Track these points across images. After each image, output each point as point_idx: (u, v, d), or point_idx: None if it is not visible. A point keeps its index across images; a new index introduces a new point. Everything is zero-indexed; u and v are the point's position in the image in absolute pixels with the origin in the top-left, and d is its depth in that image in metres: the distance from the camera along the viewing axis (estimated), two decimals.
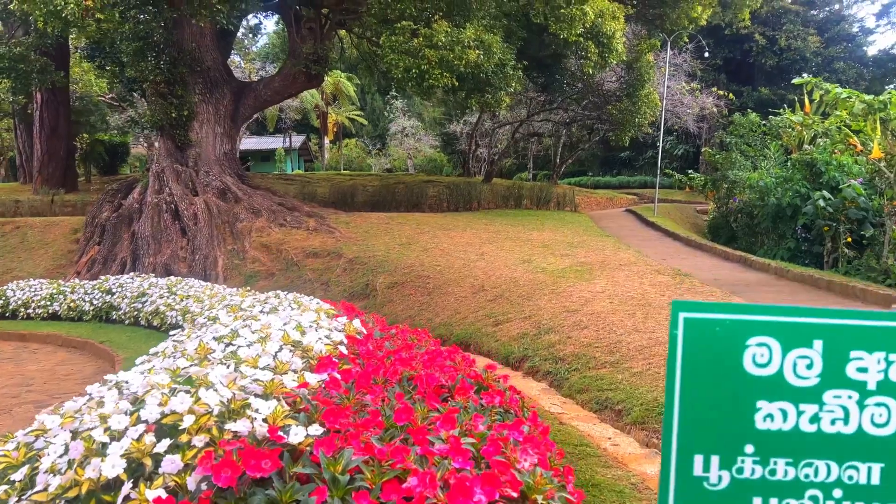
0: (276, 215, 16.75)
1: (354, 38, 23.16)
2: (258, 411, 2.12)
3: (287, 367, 2.90)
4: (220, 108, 18.41)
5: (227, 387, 2.30)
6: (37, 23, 14.25)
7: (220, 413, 2.13)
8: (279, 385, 2.44)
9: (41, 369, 8.22)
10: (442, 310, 10.31)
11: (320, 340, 3.33)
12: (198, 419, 2.03)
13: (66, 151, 23.25)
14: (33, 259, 17.08)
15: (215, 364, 2.86)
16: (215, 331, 3.67)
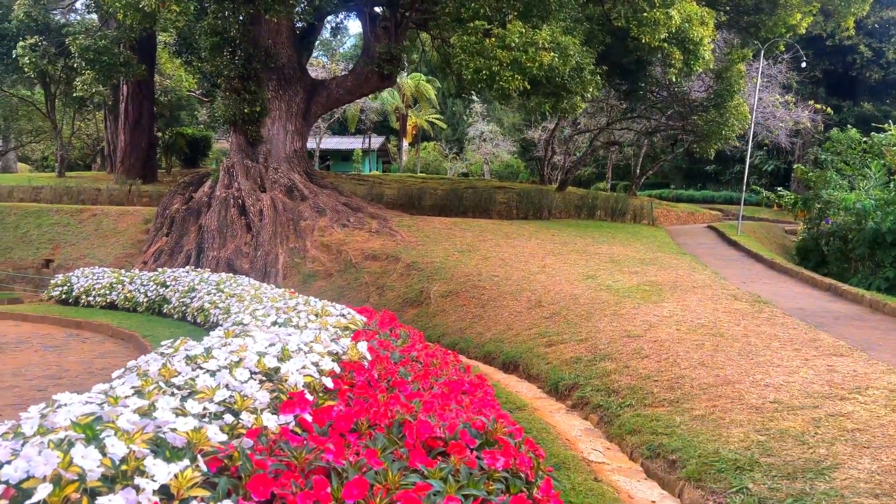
0: (340, 215, 16.55)
1: (434, 39, 22.81)
2: (153, 478, 1.64)
3: (248, 403, 2.42)
4: (293, 105, 18.40)
5: (134, 438, 1.83)
6: (117, 15, 14.49)
7: (106, 476, 1.66)
8: (203, 439, 1.94)
9: (80, 361, 8.14)
10: (494, 324, 9.71)
11: (305, 369, 2.84)
12: (62, 488, 1.56)
13: (147, 143, 23.90)
14: (105, 246, 17.49)
15: (164, 395, 2.40)
16: (190, 348, 3.25)
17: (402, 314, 11.48)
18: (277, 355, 3.00)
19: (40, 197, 20.39)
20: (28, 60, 18.59)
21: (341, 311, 5.90)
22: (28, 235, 18.14)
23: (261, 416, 2.30)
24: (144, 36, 20.19)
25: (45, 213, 18.78)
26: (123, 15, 14.45)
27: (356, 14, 20.62)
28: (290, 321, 4.72)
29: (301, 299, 6.64)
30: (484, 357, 8.84)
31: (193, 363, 2.89)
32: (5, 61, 21.71)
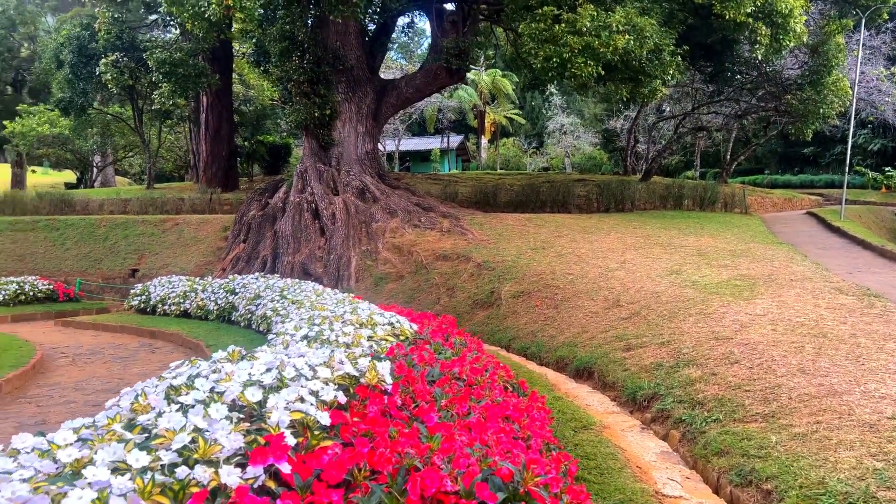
0: (411, 216, 16.22)
1: (507, 31, 22.20)
2: None
3: (211, 451, 1.98)
4: (363, 106, 18.22)
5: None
6: (185, 25, 14.68)
7: None
8: None
9: (141, 374, 8.08)
10: (568, 326, 9.05)
11: (298, 402, 2.38)
12: None
13: (228, 152, 24.42)
14: (186, 254, 17.87)
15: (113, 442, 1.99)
16: (174, 376, 2.87)
17: (472, 316, 10.99)
18: (271, 384, 2.56)
19: (128, 209, 21.13)
20: (110, 77, 19.29)
21: (390, 319, 5.45)
22: (116, 246, 18.79)
23: (221, 468, 1.84)
24: (218, 46, 20.54)
25: (131, 224, 19.41)
26: (192, 25, 14.62)
27: (420, 10, 20.24)
28: (322, 334, 4.30)
29: (351, 307, 6.25)
30: (556, 363, 8.21)
31: (175, 394, 2.49)
32: (94, 80, 22.65)
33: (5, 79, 41.24)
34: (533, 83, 20.47)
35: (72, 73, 22.97)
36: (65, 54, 23.44)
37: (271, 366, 2.75)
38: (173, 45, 18.49)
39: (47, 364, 8.78)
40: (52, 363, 8.90)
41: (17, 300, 15.42)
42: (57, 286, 16.40)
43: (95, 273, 18.22)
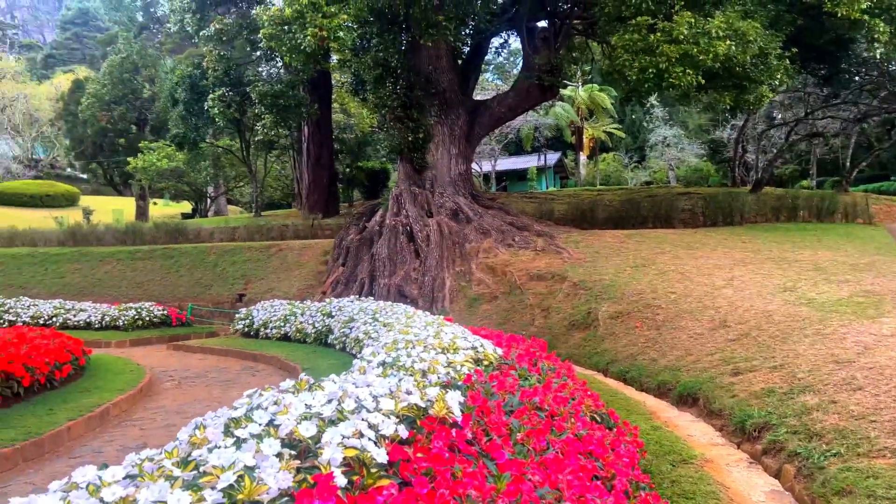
0: (505, 235, 16.03)
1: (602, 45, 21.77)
2: None
3: (257, 490, 1.86)
4: (455, 128, 18.29)
5: None
6: (283, 59, 15.26)
7: None
8: None
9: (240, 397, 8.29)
10: (670, 349, 8.54)
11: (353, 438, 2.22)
12: None
13: (328, 179, 25.19)
14: (289, 279, 18.44)
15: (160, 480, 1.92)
16: (247, 405, 2.80)
17: (568, 338, 10.62)
18: (330, 417, 2.45)
19: (236, 236, 22.12)
20: (217, 111, 20.39)
21: (474, 343, 5.27)
22: (224, 272, 19.67)
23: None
24: (317, 77, 21.27)
25: (238, 250, 20.29)
26: (290, 58, 15.20)
27: (515, 30, 20.17)
28: (399, 360, 4.17)
29: (436, 330, 6.11)
30: (657, 388, 7.74)
31: (235, 426, 2.42)
32: (205, 116, 24.00)
33: (129, 118, 44.52)
34: (629, 95, 19.85)
35: (185, 110, 24.45)
36: (179, 93, 24.99)
37: (332, 397, 2.64)
38: (274, 78, 19.31)
39: (155, 387, 9.19)
40: (159, 386, 9.31)
41: (136, 325, 16.37)
42: (171, 311, 17.30)
43: (206, 298, 19.12)
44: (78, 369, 8.92)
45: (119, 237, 22.53)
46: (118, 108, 43.11)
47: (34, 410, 6.61)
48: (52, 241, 22.84)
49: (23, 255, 21.50)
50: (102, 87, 42.85)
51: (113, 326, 16.31)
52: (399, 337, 5.70)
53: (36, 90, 72.45)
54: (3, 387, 6.71)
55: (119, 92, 42.87)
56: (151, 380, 9.30)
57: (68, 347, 8.71)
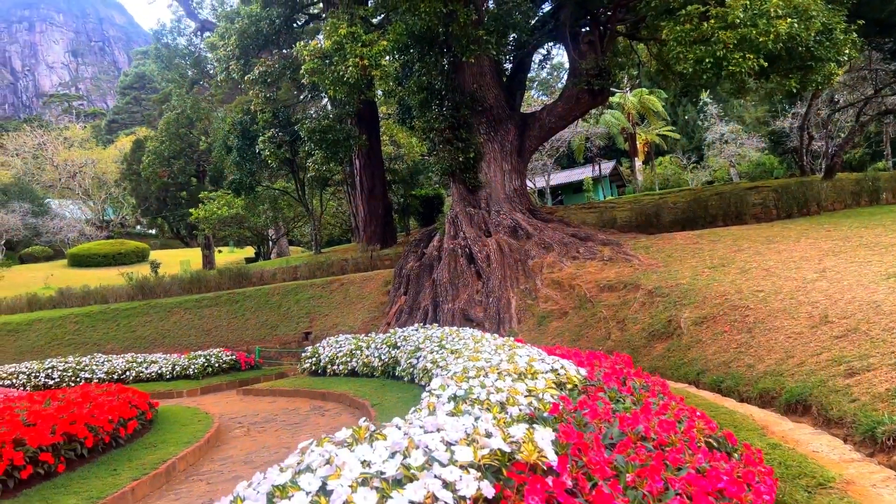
0: (568, 248, 15.38)
1: (648, 45, 21.04)
2: None
3: None
4: (506, 144, 17.84)
5: None
6: (326, 93, 15.16)
7: None
8: None
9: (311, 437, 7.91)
10: (767, 352, 7.75)
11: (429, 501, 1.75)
12: None
13: (383, 209, 25.04)
14: (353, 312, 18.19)
15: None
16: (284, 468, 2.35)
17: (649, 350, 9.89)
18: (395, 475, 1.98)
19: (298, 275, 22.10)
20: (268, 152, 20.51)
21: (553, 365, 4.73)
22: (289, 312, 19.59)
23: None
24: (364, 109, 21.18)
25: (301, 289, 20.22)
26: (333, 91, 15.09)
27: (558, 39, 19.66)
28: (472, 392, 3.67)
29: (509, 353, 5.58)
30: (759, 397, 6.98)
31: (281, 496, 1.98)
32: (258, 159, 24.27)
33: (188, 171, 45.81)
34: (684, 91, 19.02)
35: (239, 156, 24.78)
36: (231, 139, 25.38)
37: (397, 447, 2.16)
38: (321, 114, 19.31)
39: (223, 436, 8.93)
40: (227, 435, 9.04)
41: (206, 372, 16.37)
42: (239, 356, 17.27)
43: (272, 339, 19.05)
44: (145, 423, 8.74)
45: (185, 286, 22.84)
46: (177, 163, 44.45)
47: (98, 472, 6.38)
48: (122, 297, 23.33)
49: (95, 312, 21.99)
50: (161, 144, 44.29)
51: (184, 376, 16.35)
52: (469, 364, 5.21)
53: (102, 154, 75.83)
54: (67, 449, 6.51)
55: (176, 147, 44.20)
56: (219, 428, 9.05)
57: (134, 402, 8.55)
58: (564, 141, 50.13)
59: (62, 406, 7.16)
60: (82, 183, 75.38)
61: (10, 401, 8.40)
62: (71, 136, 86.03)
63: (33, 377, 16.97)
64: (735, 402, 6.83)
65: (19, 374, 17.05)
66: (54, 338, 21.11)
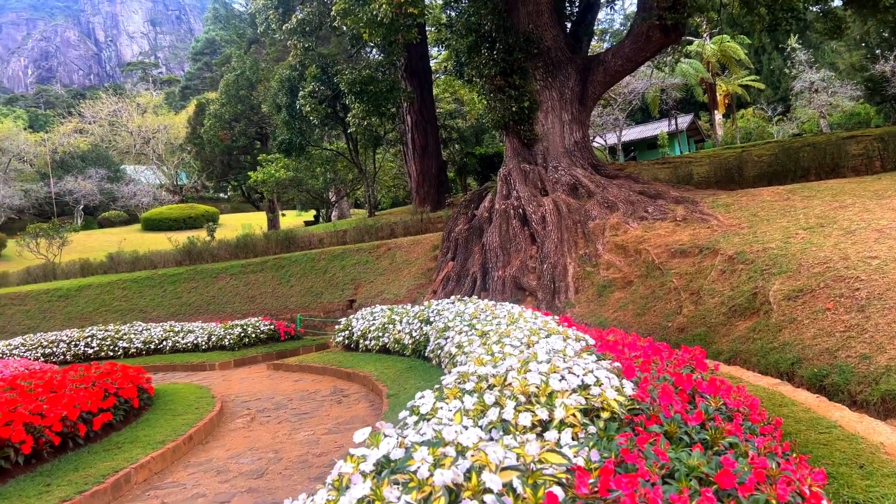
0: (635, 207, 13.50)
1: None
2: None
3: None
4: (566, 91, 15.93)
5: None
6: (362, 35, 13.64)
7: None
8: None
9: (307, 441, 6.58)
10: (888, 339, 5.92)
11: None
12: None
13: (437, 169, 23.53)
14: (399, 279, 16.90)
15: None
16: None
17: (729, 330, 8.12)
18: None
19: (347, 239, 20.95)
20: (309, 107, 19.20)
21: (584, 379, 3.17)
22: (335, 278, 18.49)
23: None
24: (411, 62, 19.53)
25: (348, 254, 19.05)
26: (369, 34, 13.56)
27: None
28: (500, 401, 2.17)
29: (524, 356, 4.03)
30: (882, 402, 5.20)
31: None
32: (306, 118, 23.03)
33: (249, 134, 45.37)
34: (772, 26, 16.53)
35: (287, 115, 23.64)
36: (280, 97, 24.25)
37: None
38: (362, 64, 17.83)
39: (221, 427, 7.78)
40: (226, 426, 7.89)
41: (241, 343, 15.46)
42: (278, 325, 16.29)
43: (317, 307, 18.03)
44: (131, 411, 7.67)
45: (231, 251, 22.09)
46: (238, 125, 44.05)
47: (26, 487, 5.25)
48: (170, 262, 22.82)
49: (143, 278, 21.54)
50: (221, 107, 43.95)
51: (219, 346, 15.50)
52: (472, 370, 3.70)
53: (174, 120, 77.03)
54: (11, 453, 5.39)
55: (237, 109, 43.74)
56: (215, 419, 7.89)
57: (118, 387, 7.43)
58: (638, 94, 47.07)
59: (8, 400, 6.10)
60: (156, 148, 76.98)
61: None
62: (144, 102, 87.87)
63: (73, 346, 16.51)
64: (847, 412, 5.05)
65: (59, 343, 16.62)
66: (102, 304, 20.77)
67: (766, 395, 5.23)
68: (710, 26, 43.94)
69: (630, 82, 45.67)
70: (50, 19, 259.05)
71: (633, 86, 46.04)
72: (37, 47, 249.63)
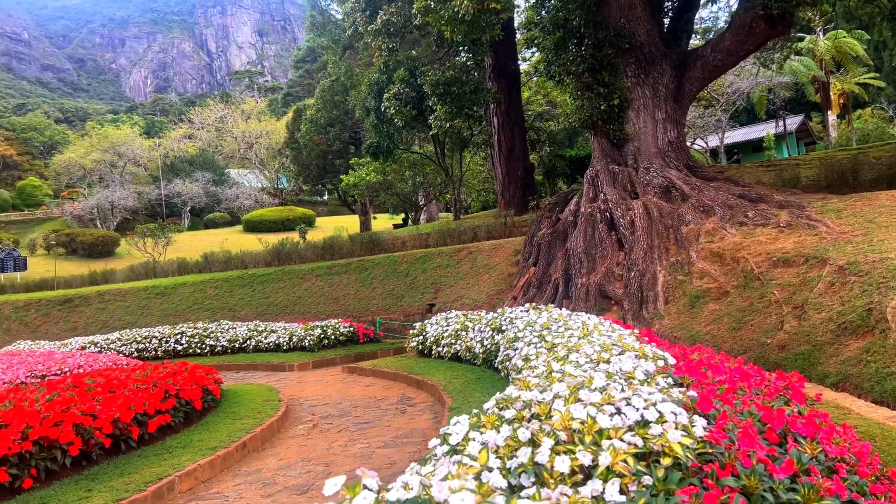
0: (734, 211, 12.46)
1: None
2: None
3: None
4: (659, 88, 15.01)
5: None
6: (444, 34, 13.29)
7: None
8: None
9: (359, 455, 6.24)
10: None
11: None
12: None
13: (523, 171, 22.94)
14: (479, 284, 16.45)
15: None
16: None
17: (838, 349, 7.17)
18: None
19: (429, 242, 20.71)
20: (393, 110, 19.07)
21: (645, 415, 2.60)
22: (415, 281, 18.26)
23: None
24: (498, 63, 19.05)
25: (429, 257, 18.79)
26: (450, 32, 13.19)
27: None
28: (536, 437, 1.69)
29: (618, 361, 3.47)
30: None
31: None
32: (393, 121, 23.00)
33: (344, 138, 46.23)
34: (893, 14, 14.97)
35: (376, 118, 23.70)
36: (368, 101, 24.37)
37: None
38: (446, 65, 17.51)
39: (280, 434, 7.57)
40: (285, 433, 7.66)
41: (321, 344, 15.46)
42: (357, 328, 16.20)
43: (397, 310, 17.85)
44: (193, 413, 7.58)
45: (318, 253, 22.32)
46: (333, 130, 44.96)
47: (67, 491, 5.14)
48: (260, 262, 23.33)
49: (234, 277, 22.09)
50: (317, 112, 45.01)
51: (300, 347, 15.56)
52: (517, 393, 3.19)
53: (275, 126, 79.92)
54: (42, 458, 5.31)
55: (331, 114, 44.66)
56: (275, 425, 7.67)
57: (173, 391, 7.32)
58: (742, 94, 44.60)
59: (65, 399, 6.07)
60: (258, 153, 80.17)
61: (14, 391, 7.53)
62: (248, 109, 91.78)
63: (164, 342, 17.04)
64: None
65: (151, 339, 17.20)
66: (195, 302, 21.44)
67: (881, 432, 4.42)
68: (824, 20, 41.08)
69: (734, 82, 43.33)
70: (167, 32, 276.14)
71: (738, 85, 43.65)
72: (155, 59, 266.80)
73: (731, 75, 41.62)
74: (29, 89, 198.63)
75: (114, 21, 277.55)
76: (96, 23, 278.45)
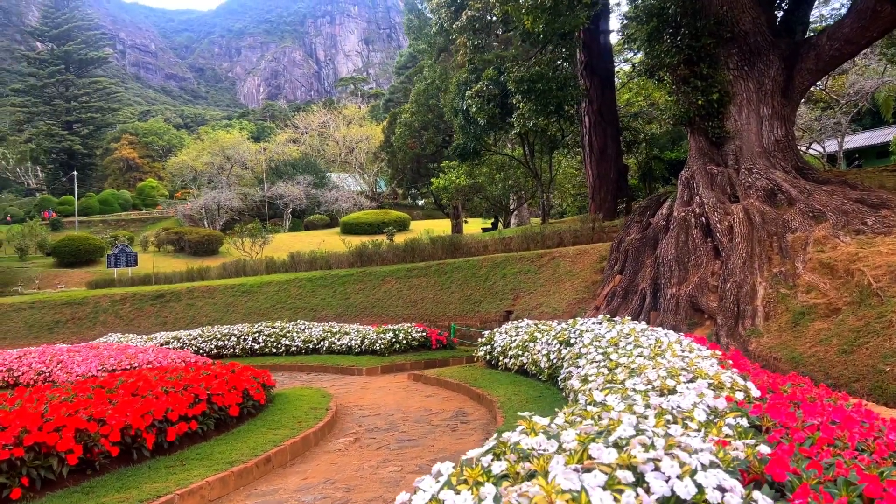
0: (849, 218, 10.96)
1: None
2: None
3: None
4: (765, 81, 13.58)
5: None
6: (525, 24, 12.48)
7: None
8: None
9: (390, 481, 5.54)
10: None
11: None
12: None
13: (616, 173, 21.69)
14: (560, 292, 15.48)
15: None
16: None
17: None
18: None
19: (511, 246, 19.88)
20: (475, 108, 18.39)
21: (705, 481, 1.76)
22: (494, 287, 17.49)
23: None
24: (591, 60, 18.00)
25: (510, 262, 17.98)
26: (531, 22, 12.37)
27: None
28: None
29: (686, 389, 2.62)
30: None
31: None
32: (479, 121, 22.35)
33: (437, 141, 46.06)
34: None
35: (463, 119, 23.13)
36: (456, 102, 23.82)
37: None
38: (531, 60, 16.65)
39: (319, 448, 7.00)
40: (323, 446, 7.09)
41: (392, 349, 14.98)
42: (430, 333, 15.61)
43: (474, 316, 17.13)
44: (227, 420, 7.15)
45: (399, 255, 21.96)
46: (426, 134, 44.86)
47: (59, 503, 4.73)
48: (343, 263, 23.23)
49: (317, 277, 22.07)
50: (411, 116, 45.06)
51: (371, 350, 15.13)
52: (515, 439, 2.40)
53: (374, 131, 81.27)
54: (36, 467, 4.90)
55: (426, 118, 44.56)
56: (310, 438, 7.10)
57: (203, 396, 6.87)
58: (866, 94, 40.90)
59: (78, 402, 5.72)
60: (358, 157, 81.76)
61: None
62: (349, 114, 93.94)
63: (242, 340, 17.09)
64: None
65: (231, 336, 17.28)
66: (279, 301, 21.56)
67: None
68: None
69: (856, 81, 39.79)
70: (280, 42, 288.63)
71: (860, 85, 40.06)
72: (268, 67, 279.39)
73: (853, 74, 38.29)
74: (154, 97, 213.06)
75: (231, 32, 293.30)
76: (216, 34, 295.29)
